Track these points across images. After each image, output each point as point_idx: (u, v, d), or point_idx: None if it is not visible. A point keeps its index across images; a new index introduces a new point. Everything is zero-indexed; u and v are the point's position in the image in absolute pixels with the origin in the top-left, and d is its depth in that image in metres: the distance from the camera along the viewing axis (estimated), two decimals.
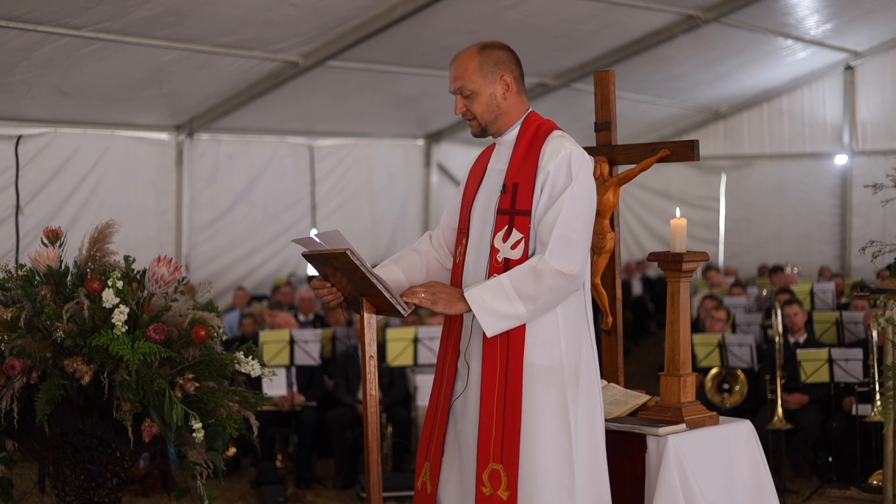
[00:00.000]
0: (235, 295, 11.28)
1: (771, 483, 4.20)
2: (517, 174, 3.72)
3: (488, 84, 3.74)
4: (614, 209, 4.47)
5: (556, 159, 3.65)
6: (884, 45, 14.90)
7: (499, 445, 3.61)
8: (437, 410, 3.85)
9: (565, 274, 3.57)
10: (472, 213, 3.83)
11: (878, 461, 6.79)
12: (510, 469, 3.60)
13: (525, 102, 3.87)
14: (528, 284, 3.56)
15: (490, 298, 3.57)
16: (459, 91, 3.76)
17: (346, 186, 13.75)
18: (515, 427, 3.61)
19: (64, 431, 3.92)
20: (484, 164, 3.92)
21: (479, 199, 3.83)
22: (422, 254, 3.98)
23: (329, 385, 8.71)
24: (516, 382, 3.62)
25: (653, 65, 13.11)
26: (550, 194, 3.63)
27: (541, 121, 3.84)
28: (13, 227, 9.87)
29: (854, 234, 15.54)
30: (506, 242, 3.68)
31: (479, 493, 3.65)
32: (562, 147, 3.68)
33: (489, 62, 3.74)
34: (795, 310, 8.62)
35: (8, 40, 8.14)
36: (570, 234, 3.60)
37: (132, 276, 4.06)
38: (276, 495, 7.61)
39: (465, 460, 3.77)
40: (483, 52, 3.75)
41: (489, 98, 3.75)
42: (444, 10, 9.66)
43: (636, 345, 14.47)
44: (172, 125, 11.50)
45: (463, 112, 3.80)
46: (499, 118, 3.80)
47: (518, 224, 3.67)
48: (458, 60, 3.77)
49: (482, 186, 3.85)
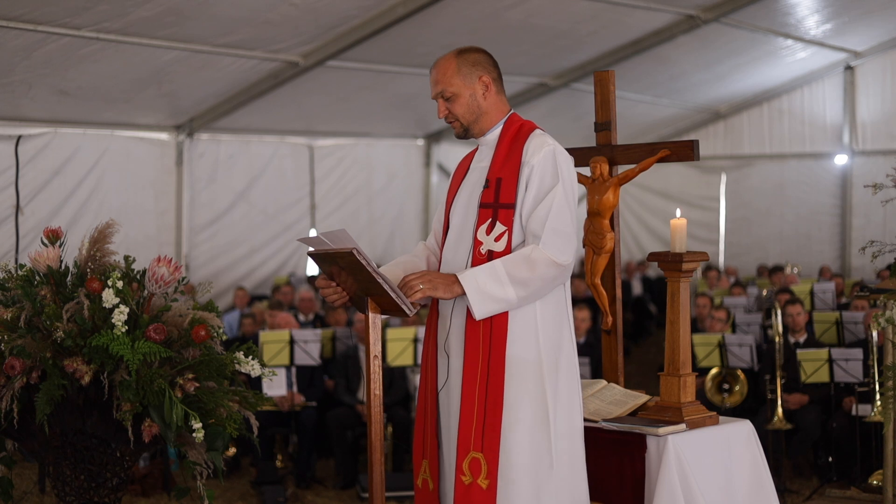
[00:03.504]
0: (235, 295, 11.29)
1: (771, 483, 4.20)
2: (500, 170, 3.82)
3: (468, 85, 3.86)
4: (614, 209, 4.48)
5: (541, 155, 3.76)
6: (884, 45, 14.90)
7: (479, 434, 3.68)
8: (426, 407, 3.91)
9: (559, 264, 3.67)
10: (454, 210, 3.94)
11: (878, 461, 6.79)
12: (490, 458, 3.66)
13: (506, 103, 3.97)
14: (522, 270, 3.65)
15: (483, 280, 3.66)
16: (441, 95, 3.88)
17: (345, 186, 13.75)
18: (497, 416, 3.68)
19: (64, 431, 3.92)
20: (466, 166, 4.04)
21: (461, 196, 3.94)
22: (422, 258, 4.07)
23: (329, 385, 8.71)
24: (498, 372, 3.70)
25: (653, 65, 13.11)
26: (539, 189, 3.74)
27: (522, 121, 3.95)
28: (13, 227, 9.87)
29: (854, 234, 15.54)
30: (489, 235, 3.78)
31: (459, 482, 3.71)
32: (545, 143, 3.80)
33: (467, 64, 3.86)
34: (798, 310, 8.61)
35: (8, 40, 8.14)
36: (562, 227, 3.70)
37: (132, 276, 4.06)
38: (276, 495, 7.61)
39: (451, 452, 3.82)
40: (460, 55, 3.89)
41: (469, 99, 3.87)
42: (444, 10, 9.66)
43: (636, 345, 14.47)
44: (172, 125, 11.50)
45: (445, 115, 3.91)
46: (480, 118, 3.90)
47: (502, 217, 3.77)
48: (437, 66, 3.90)
49: (464, 183, 3.97)
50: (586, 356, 8.76)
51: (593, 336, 9.50)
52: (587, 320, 9.54)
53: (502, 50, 11.57)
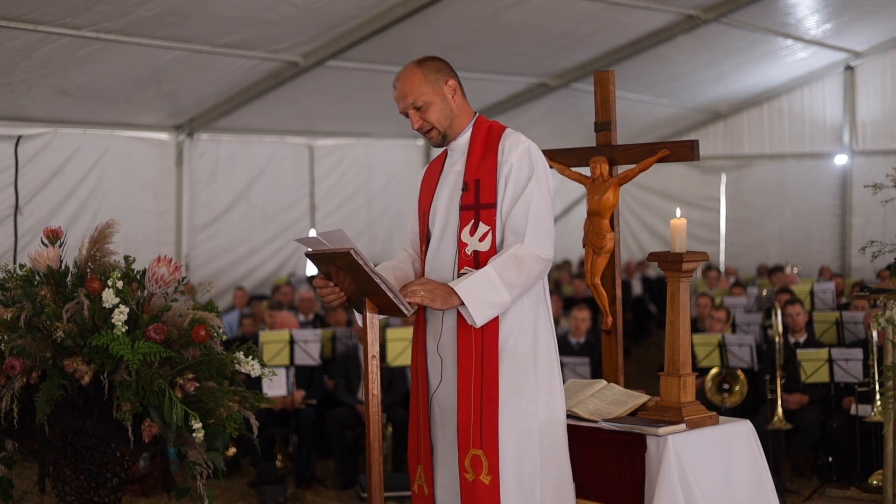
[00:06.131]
0: (235, 295, 11.28)
1: (771, 483, 4.20)
2: (477, 171, 3.86)
3: (437, 91, 3.91)
4: (614, 209, 4.48)
5: (517, 152, 3.81)
6: (884, 45, 14.90)
7: (478, 431, 3.72)
8: (418, 412, 3.93)
9: (543, 259, 3.75)
10: (434, 216, 3.96)
11: (878, 461, 6.78)
12: (490, 453, 3.71)
13: (470, 107, 4.01)
14: (512, 272, 3.70)
15: (480, 290, 3.69)
16: (412, 106, 3.91)
17: (345, 186, 13.75)
18: (493, 412, 3.72)
19: (64, 431, 3.92)
20: (437, 171, 4.05)
21: (439, 201, 3.96)
22: (408, 264, 4.10)
23: (329, 385, 8.71)
24: (492, 369, 3.74)
25: (652, 65, 13.11)
26: (515, 186, 3.79)
27: (490, 122, 3.99)
28: (11, 227, 9.87)
29: (854, 234, 15.54)
30: (473, 236, 3.83)
31: (463, 480, 3.75)
32: (519, 141, 3.86)
33: (431, 71, 3.92)
34: (798, 310, 8.62)
35: (8, 40, 8.14)
36: (542, 223, 3.77)
37: (132, 276, 4.06)
38: (276, 495, 7.61)
39: (445, 455, 3.84)
40: (422, 64, 3.95)
41: (442, 104, 3.91)
42: (444, 10, 9.66)
43: (636, 345, 14.46)
44: (172, 125, 11.50)
45: (420, 125, 3.93)
46: (453, 122, 3.94)
47: (484, 217, 3.82)
48: (401, 79, 3.94)
49: (441, 188, 3.98)
50: (586, 356, 8.76)
51: (593, 336, 9.50)
52: (587, 320, 9.54)
53: (502, 50, 11.72)
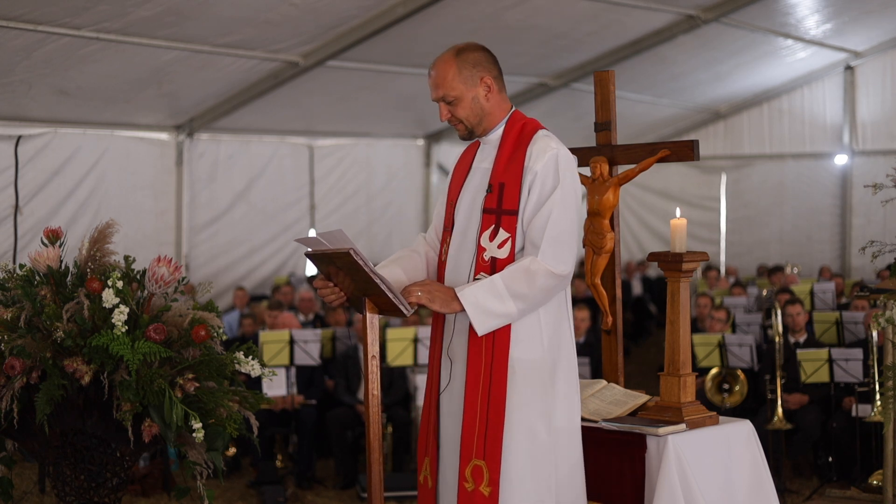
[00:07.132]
0: (235, 295, 11.28)
1: (771, 483, 4.19)
2: (503, 174, 3.75)
3: (469, 88, 3.76)
4: (614, 209, 4.47)
5: (544, 160, 3.69)
6: (884, 45, 14.90)
7: (482, 441, 3.67)
8: (429, 407, 3.91)
9: (557, 275, 3.64)
10: (457, 212, 3.87)
11: (878, 461, 6.78)
12: (492, 466, 3.65)
13: (507, 101, 3.89)
14: (521, 284, 3.61)
15: (483, 297, 3.61)
16: (442, 99, 3.79)
17: (345, 186, 13.75)
18: (499, 423, 3.66)
19: (64, 431, 3.92)
20: (468, 162, 3.96)
21: (463, 198, 3.87)
22: (421, 254, 4.02)
23: (329, 385, 8.71)
24: (501, 378, 3.67)
25: (653, 65, 13.11)
26: (539, 195, 3.67)
27: (525, 120, 3.86)
28: (11, 227, 9.86)
29: (854, 234, 15.54)
30: (492, 241, 3.73)
31: (462, 489, 3.70)
32: (548, 147, 3.72)
33: (467, 65, 3.76)
34: (798, 310, 8.62)
35: (8, 40, 8.14)
36: (561, 236, 3.65)
37: (132, 276, 4.06)
38: (276, 495, 7.61)
39: (448, 453, 3.81)
40: (459, 56, 3.77)
41: (472, 101, 3.78)
42: (444, 10, 9.66)
43: (636, 345, 14.47)
44: (172, 125, 11.50)
45: (448, 118, 3.83)
46: (483, 119, 3.83)
47: (505, 224, 3.72)
48: (436, 68, 3.79)
49: (467, 185, 3.89)
50: (586, 356, 8.75)
51: (593, 336, 9.50)
52: (587, 320, 9.54)
53: (502, 50, 11.60)
